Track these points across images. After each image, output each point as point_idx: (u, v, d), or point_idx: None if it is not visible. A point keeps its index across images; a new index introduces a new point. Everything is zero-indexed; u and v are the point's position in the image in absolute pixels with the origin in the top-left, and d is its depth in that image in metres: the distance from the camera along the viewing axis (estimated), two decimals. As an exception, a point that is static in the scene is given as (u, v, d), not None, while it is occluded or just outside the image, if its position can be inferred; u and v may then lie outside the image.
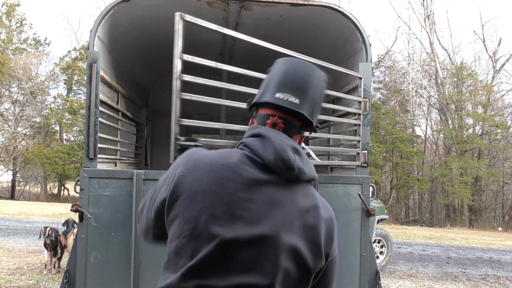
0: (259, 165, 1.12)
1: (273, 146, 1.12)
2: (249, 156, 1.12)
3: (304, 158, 1.18)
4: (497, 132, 22.95)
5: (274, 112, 1.21)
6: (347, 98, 3.28)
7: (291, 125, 1.23)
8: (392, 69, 26.13)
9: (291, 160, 1.11)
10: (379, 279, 2.89)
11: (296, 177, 1.14)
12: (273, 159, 1.11)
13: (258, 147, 1.13)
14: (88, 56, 2.83)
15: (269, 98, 1.22)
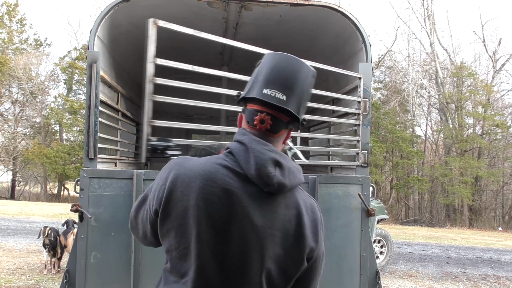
0: (242, 176, 1.16)
1: (255, 160, 1.15)
2: (232, 170, 1.17)
3: (286, 169, 1.20)
4: (497, 132, 22.94)
5: (262, 108, 1.23)
6: (346, 98, 3.28)
7: (278, 121, 1.25)
8: (392, 69, 26.13)
9: (270, 176, 1.14)
10: (379, 279, 2.89)
11: (276, 191, 1.17)
12: (254, 174, 1.15)
13: (241, 158, 1.17)
14: (88, 56, 2.83)
15: (256, 94, 1.24)
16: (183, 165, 1.20)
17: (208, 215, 1.13)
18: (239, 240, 1.14)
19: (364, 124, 3.04)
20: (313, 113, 4.71)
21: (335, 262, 2.88)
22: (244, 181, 1.16)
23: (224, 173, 1.16)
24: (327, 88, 4.14)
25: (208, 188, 1.14)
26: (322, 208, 2.84)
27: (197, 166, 1.18)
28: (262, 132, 1.24)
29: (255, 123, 1.23)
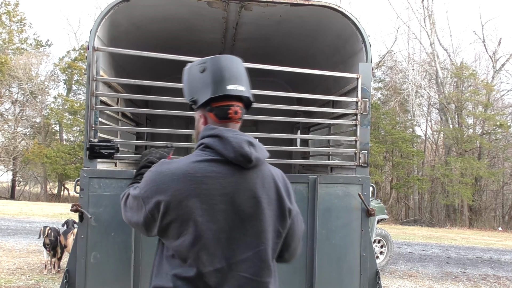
0: (223, 162, 1.38)
1: (231, 145, 1.38)
2: (213, 159, 1.38)
3: (257, 146, 1.45)
4: (498, 132, 22.92)
5: (232, 102, 1.48)
6: (345, 99, 3.28)
7: (243, 109, 1.53)
8: (392, 69, 26.12)
9: (248, 154, 1.38)
10: (379, 279, 2.89)
11: (255, 165, 1.42)
12: (234, 156, 1.37)
13: (219, 147, 1.39)
14: (88, 56, 2.83)
15: (224, 91, 1.46)
16: (170, 168, 1.40)
17: (201, 200, 1.34)
18: (234, 215, 1.37)
19: (364, 124, 3.04)
20: (313, 113, 4.72)
21: (335, 262, 2.88)
22: (225, 165, 1.38)
23: (206, 165, 1.38)
24: (327, 88, 4.14)
25: (194, 178, 1.35)
26: (322, 208, 2.85)
27: (182, 164, 1.39)
28: (234, 121, 1.51)
29: (229, 116, 1.48)
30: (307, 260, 2.84)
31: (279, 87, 5.71)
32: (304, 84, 5.21)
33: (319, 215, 2.83)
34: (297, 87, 5.61)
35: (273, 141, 4.42)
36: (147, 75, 4.95)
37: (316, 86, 4.68)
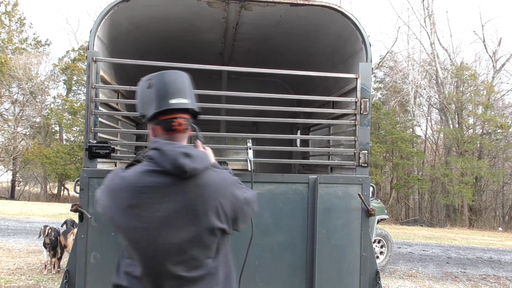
0: (163, 173, 1.53)
1: (167, 157, 1.52)
2: (153, 170, 1.54)
3: (195, 156, 1.56)
4: (498, 132, 22.90)
5: (176, 115, 1.61)
6: (344, 99, 3.28)
7: (188, 120, 1.66)
8: (392, 70, 26.12)
9: (182, 166, 1.51)
10: (379, 279, 2.89)
11: (192, 175, 1.54)
12: (170, 167, 1.52)
13: (159, 159, 1.54)
14: (88, 56, 2.83)
15: (168, 106, 1.60)
16: (115, 182, 1.58)
17: (141, 209, 1.51)
18: (171, 221, 1.52)
19: (364, 124, 3.04)
20: (313, 113, 4.71)
21: (335, 262, 2.88)
22: (165, 175, 1.53)
23: (148, 175, 1.53)
24: (327, 88, 4.14)
25: (137, 188, 1.52)
26: (322, 208, 2.85)
27: (128, 177, 1.56)
28: (180, 133, 1.64)
29: (174, 128, 1.62)
30: (307, 260, 2.84)
31: (278, 87, 5.71)
32: (304, 84, 5.21)
33: (319, 215, 2.83)
34: (297, 87, 5.61)
35: (273, 141, 4.42)
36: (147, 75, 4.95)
37: (316, 86, 4.68)
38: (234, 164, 5.54)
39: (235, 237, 2.78)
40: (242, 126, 5.89)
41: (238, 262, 2.79)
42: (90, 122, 2.79)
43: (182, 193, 1.54)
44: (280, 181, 2.86)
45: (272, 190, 2.84)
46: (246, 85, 5.49)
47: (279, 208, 2.84)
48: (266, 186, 2.84)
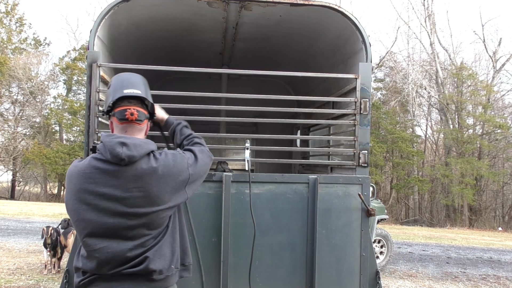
0: (105, 161, 1.74)
1: (107, 148, 1.73)
2: (98, 158, 1.76)
3: (132, 145, 1.73)
4: (498, 132, 22.89)
5: (128, 106, 1.82)
6: (343, 99, 3.28)
7: (141, 113, 1.85)
8: (392, 69, 26.11)
9: (119, 154, 1.70)
10: (379, 279, 2.89)
11: (130, 162, 1.72)
12: (110, 157, 1.72)
13: (102, 151, 1.76)
14: (88, 56, 2.84)
15: (121, 94, 1.83)
16: (70, 169, 1.80)
17: (88, 190, 1.72)
18: (112, 202, 1.71)
19: (364, 124, 3.04)
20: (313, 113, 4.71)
21: (335, 262, 2.88)
22: (108, 164, 1.73)
23: (94, 162, 1.75)
24: (327, 88, 4.14)
25: (85, 175, 1.73)
26: (322, 208, 2.85)
27: (80, 165, 1.77)
28: (132, 123, 1.83)
29: (126, 117, 1.81)
30: (307, 260, 2.84)
31: (278, 87, 5.72)
32: (304, 84, 5.21)
33: (319, 215, 2.83)
34: (297, 87, 5.61)
35: (273, 141, 4.42)
36: (147, 75, 4.95)
37: (316, 86, 4.68)
38: (234, 164, 5.54)
39: (236, 237, 2.79)
40: (242, 126, 5.89)
41: (239, 262, 2.79)
42: (94, 123, 2.81)
43: (122, 178, 1.72)
44: (280, 181, 2.86)
45: (272, 190, 2.84)
46: (246, 85, 5.49)
47: (279, 208, 2.84)
48: (266, 186, 2.84)
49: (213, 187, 2.79)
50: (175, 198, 1.84)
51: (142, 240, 1.76)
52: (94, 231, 1.72)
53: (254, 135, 4.37)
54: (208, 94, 3.09)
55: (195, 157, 1.95)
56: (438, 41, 25.51)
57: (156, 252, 1.78)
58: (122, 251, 1.73)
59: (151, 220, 1.77)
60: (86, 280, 1.75)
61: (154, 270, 1.76)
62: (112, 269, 1.72)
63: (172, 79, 5.55)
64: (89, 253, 1.73)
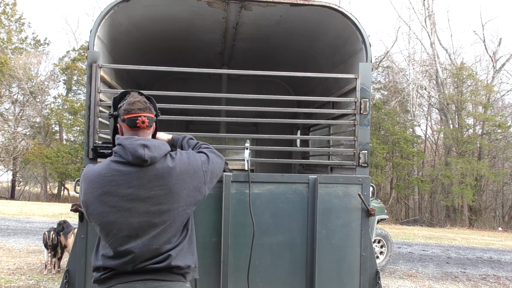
0: (125, 163, 1.82)
1: (128, 150, 1.81)
2: (118, 161, 1.84)
3: (152, 146, 1.84)
4: (498, 132, 22.88)
5: (139, 113, 1.94)
6: (343, 99, 3.28)
7: (151, 120, 1.99)
8: (393, 70, 26.10)
9: (142, 156, 1.80)
10: (379, 279, 2.89)
11: (152, 163, 1.83)
12: (132, 159, 1.81)
13: (122, 153, 1.84)
14: (88, 56, 2.84)
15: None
16: (87, 174, 1.87)
17: (111, 193, 1.79)
18: (137, 202, 1.79)
19: (364, 124, 3.04)
20: (313, 113, 4.71)
21: (335, 262, 2.88)
22: (129, 166, 1.81)
23: (114, 165, 1.83)
24: (327, 87, 4.14)
25: (107, 178, 1.80)
26: (322, 208, 2.85)
27: (98, 169, 1.85)
28: (143, 129, 1.96)
29: (138, 125, 1.93)
30: (307, 260, 2.84)
31: (278, 87, 5.72)
32: (304, 84, 5.21)
33: (319, 215, 2.83)
34: (297, 87, 5.61)
35: (273, 141, 4.42)
36: (147, 75, 4.96)
37: (316, 86, 4.68)
38: (234, 164, 5.54)
39: (236, 237, 2.79)
40: (242, 126, 5.89)
41: (239, 262, 2.79)
42: (96, 124, 2.81)
43: (144, 178, 1.81)
44: (280, 181, 2.86)
45: (272, 190, 2.84)
46: (246, 85, 5.49)
47: (279, 208, 2.84)
48: (266, 186, 2.84)
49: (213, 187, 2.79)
50: (194, 194, 1.94)
51: (165, 238, 1.84)
52: (120, 231, 1.79)
53: (254, 135, 4.37)
54: (208, 94, 3.09)
55: (206, 156, 2.08)
56: (438, 41, 25.52)
57: (179, 251, 1.87)
58: (148, 250, 1.80)
59: (174, 217, 1.86)
60: (108, 274, 1.82)
61: (177, 266, 1.85)
62: (136, 265, 1.80)
63: (172, 79, 5.55)
64: (115, 253, 1.79)
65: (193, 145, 2.26)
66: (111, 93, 3.39)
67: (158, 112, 2.11)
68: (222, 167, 2.16)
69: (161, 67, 3.08)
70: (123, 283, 1.80)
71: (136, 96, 2.04)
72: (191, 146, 2.26)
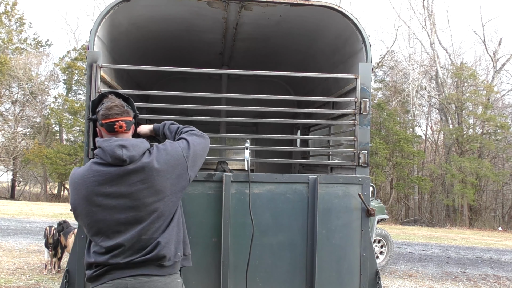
0: (106, 164, 1.90)
1: (107, 152, 1.89)
2: (99, 162, 1.92)
3: (130, 146, 1.91)
4: (499, 132, 22.86)
5: (116, 118, 1.99)
6: (343, 99, 3.27)
7: (128, 123, 2.04)
8: (393, 69, 26.10)
9: (120, 156, 1.87)
10: (379, 279, 2.89)
11: (130, 162, 1.90)
12: (111, 160, 1.88)
13: (101, 155, 1.92)
14: (88, 56, 2.84)
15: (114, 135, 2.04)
16: (72, 177, 1.95)
17: (93, 192, 1.87)
18: (120, 199, 1.87)
19: (364, 124, 3.03)
20: (313, 113, 4.71)
21: (335, 262, 2.88)
22: (109, 166, 1.88)
23: (95, 166, 1.92)
24: (327, 88, 4.14)
25: (89, 179, 1.88)
26: (322, 208, 2.85)
27: (81, 171, 1.93)
28: (121, 132, 2.01)
29: (116, 130, 1.99)
30: (307, 260, 2.84)
31: (278, 87, 5.72)
32: (304, 84, 5.21)
33: (319, 215, 2.83)
34: (297, 87, 5.61)
35: (273, 141, 4.42)
36: (147, 75, 4.95)
37: (316, 86, 4.68)
38: (234, 164, 5.54)
39: (236, 237, 2.79)
40: (242, 126, 5.89)
41: (239, 262, 2.79)
42: None
43: (125, 176, 1.88)
44: (280, 181, 2.86)
45: (272, 190, 2.84)
46: (246, 85, 5.49)
47: (279, 208, 2.84)
48: (266, 186, 2.84)
49: (213, 187, 2.79)
50: (179, 182, 2.01)
51: (154, 229, 1.92)
52: (109, 228, 1.87)
53: (254, 135, 4.37)
54: (208, 94, 3.09)
55: (186, 141, 2.12)
56: (438, 41, 25.52)
57: (166, 239, 1.94)
58: (137, 241, 1.88)
59: (160, 208, 1.93)
60: (100, 271, 1.89)
61: (164, 256, 1.91)
62: (127, 259, 1.87)
63: (172, 79, 5.55)
64: (106, 248, 1.86)
65: (175, 131, 2.29)
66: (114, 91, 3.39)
67: (136, 113, 2.18)
68: (205, 147, 2.20)
69: (161, 67, 3.08)
70: (115, 280, 1.86)
71: (114, 99, 2.07)
72: (172, 132, 2.29)
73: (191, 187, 2.73)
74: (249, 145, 2.89)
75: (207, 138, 2.25)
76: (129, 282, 1.86)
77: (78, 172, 1.94)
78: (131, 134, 2.10)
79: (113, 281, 1.87)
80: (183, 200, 2.66)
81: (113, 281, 1.87)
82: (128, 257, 1.87)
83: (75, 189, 1.91)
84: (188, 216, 2.69)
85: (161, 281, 1.91)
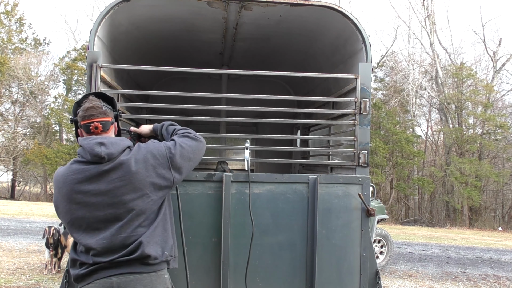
0: (86, 162, 1.93)
1: (87, 150, 1.92)
2: (79, 161, 1.95)
3: (109, 143, 1.93)
4: (498, 132, 22.86)
5: (91, 120, 2.01)
6: (343, 99, 3.27)
7: (105, 124, 2.05)
8: (393, 69, 26.09)
9: (99, 153, 1.89)
10: (379, 279, 2.89)
11: (109, 159, 1.92)
12: (90, 157, 1.91)
13: (82, 153, 1.96)
14: (88, 56, 2.84)
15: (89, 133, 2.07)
16: (55, 176, 1.99)
17: (73, 190, 1.90)
18: (100, 196, 1.89)
19: (364, 124, 3.03)
20: (313, 113, 4.71)
21: (335, 262, 2.88)
22: (87, 164, 1.92)
23: (75, 165, 1.95)
24: (327, 88, 4.14)
25: (70, 177, 1.91)
26: (322, 208, 2.85)
27: (62, 170, 1.97)
28: (99, 133, 2.02)
29: (92, 131, 2.02)
30: (307, 260, 2.84)
31: (278, 87, 5.71)
32: (304, 84, 5.21)
33: (319, 215, 2.83)
34: (297, 87, 5.61)
35: (273, 141, 4.42)
36: (147, 75, 4.95)
37: (316, 86, 4.68)
38: (234, 164, 5.54)
39: (236, 237, 2.79)
40: (242, 126, 5.89)
41: (239, 262, 2.79)
42: None
43: (104, 173, 1.90)
44: (280, 181, 2.86)
45: (272, 190, 2.84)
46: (246, 85, 5.49)
47: (279, 208, 2.84)
48: (266, 186, 2.84)
49: (213, 187, 2.79)
50: (159, 181, 2.00)
51: (134, 227, 1.92)
52: (89, 226, 1.89)
53: (254, 135, 4.37)
54: (208, 94, 3.09)
55: (174, 141, 2.12)
56: (438, 41, 25.53)
57: (149, 238, 1.93)
58: (117, 240, 1.88)
59: (139, 205, 1.93)
60: (85, 271, 1.89)
61: (149, 255, 1.91)
62: (109, 257, 1.87)
63: (172, 79, 5.55)
64: (86, 247, 1.88)
65: (171, 132, 2.30)
66: (111, 93, 3.39)
67: (118, 112, 2.20)
68: (197, 149, 2.18)
69: (161, 67, 3.08)
70: (100, 279, 1.87)
71: (92, 100, 2.08)
72: (169, 133, 2.30)
73: (191, 187, 2.73)
74: (249, 145, 2.89)
75: (202, 141, 2.24)
76: (114, 280, 1.87)
77: (60, 171, 1.97)
78: (112, 134, 2.11)
79: (98, 281, 1.88)
80: (183, 200, 2.67)
81: (99, 280, 1.88)
82: (110, 255, 1.88)
83: (57, 187, 1.94)
84: (188, 216, 2.69)
85: (146, 278, 1.91)
